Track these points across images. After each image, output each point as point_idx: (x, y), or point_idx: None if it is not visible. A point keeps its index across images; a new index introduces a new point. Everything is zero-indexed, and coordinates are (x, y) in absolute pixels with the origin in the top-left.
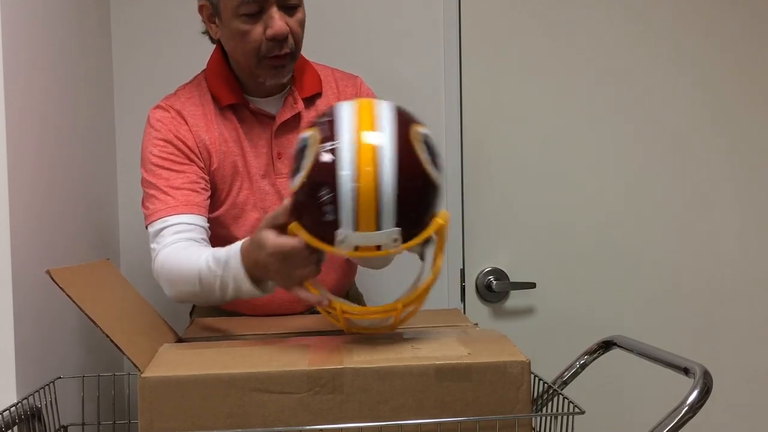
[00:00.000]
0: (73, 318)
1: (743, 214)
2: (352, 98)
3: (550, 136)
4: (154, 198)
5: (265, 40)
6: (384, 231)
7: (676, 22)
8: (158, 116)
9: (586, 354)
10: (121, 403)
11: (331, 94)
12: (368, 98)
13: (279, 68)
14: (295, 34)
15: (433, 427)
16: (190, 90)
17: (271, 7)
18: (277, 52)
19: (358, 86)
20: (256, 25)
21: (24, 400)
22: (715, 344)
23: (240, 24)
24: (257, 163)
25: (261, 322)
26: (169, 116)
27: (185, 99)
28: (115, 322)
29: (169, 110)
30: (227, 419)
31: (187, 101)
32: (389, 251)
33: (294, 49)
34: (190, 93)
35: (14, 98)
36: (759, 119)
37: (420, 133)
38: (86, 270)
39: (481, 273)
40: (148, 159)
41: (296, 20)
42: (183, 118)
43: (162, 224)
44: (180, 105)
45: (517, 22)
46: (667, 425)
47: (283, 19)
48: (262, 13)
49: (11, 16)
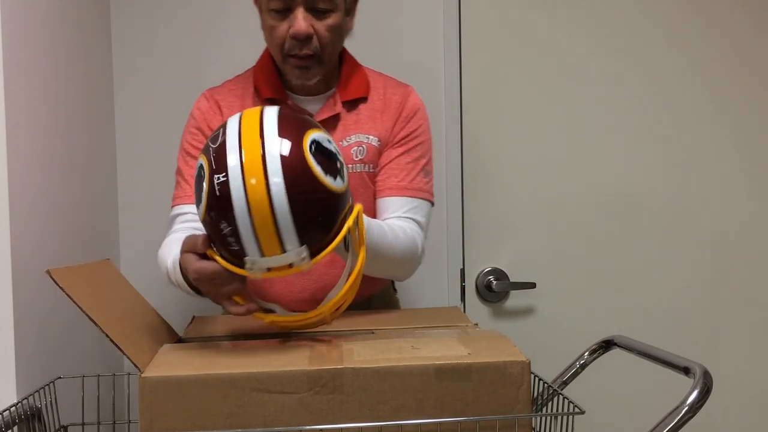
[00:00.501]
0: (73, 318)
1: (744, 214)
2: (398, 106)
3: (550, 135)
4: (178, 185)
5: (288, 38)
6: (290, 252)
7: (677, 20)
8: (198, 105)
9: (586, 354)
10: (121, 403)
11: (377, 100)
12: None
13: (303, 69)
14: (321, 38)
15: (433, 427)
16: (237, 82)
17: (298, 7)
18: (298, 51)
19: (405, 95)
20: (283, 22)
21: (24, 400)
22: (715, 344)
23: (269, 19)
24: None
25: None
26: (207, 106)
27: (227, 91)
28: (115, 322)
29: (209, 100)
30: (227, 419)
31: (228, 93)
32: (301, 268)
33: (319, 52)
34: (234, 85)
35: (14, 98)
36: (764, 119)
37: (310, 141)
38: (86, 270)
39: (481, 273)
40: (182, 146)
41: (325, 25)
42: (219, 109)
43: (177, 211)
44: (220, 96)
45: (518, 22)
46: (667, 425)
47: (308, 20)
48: (288, 12)
49: (11, 16)
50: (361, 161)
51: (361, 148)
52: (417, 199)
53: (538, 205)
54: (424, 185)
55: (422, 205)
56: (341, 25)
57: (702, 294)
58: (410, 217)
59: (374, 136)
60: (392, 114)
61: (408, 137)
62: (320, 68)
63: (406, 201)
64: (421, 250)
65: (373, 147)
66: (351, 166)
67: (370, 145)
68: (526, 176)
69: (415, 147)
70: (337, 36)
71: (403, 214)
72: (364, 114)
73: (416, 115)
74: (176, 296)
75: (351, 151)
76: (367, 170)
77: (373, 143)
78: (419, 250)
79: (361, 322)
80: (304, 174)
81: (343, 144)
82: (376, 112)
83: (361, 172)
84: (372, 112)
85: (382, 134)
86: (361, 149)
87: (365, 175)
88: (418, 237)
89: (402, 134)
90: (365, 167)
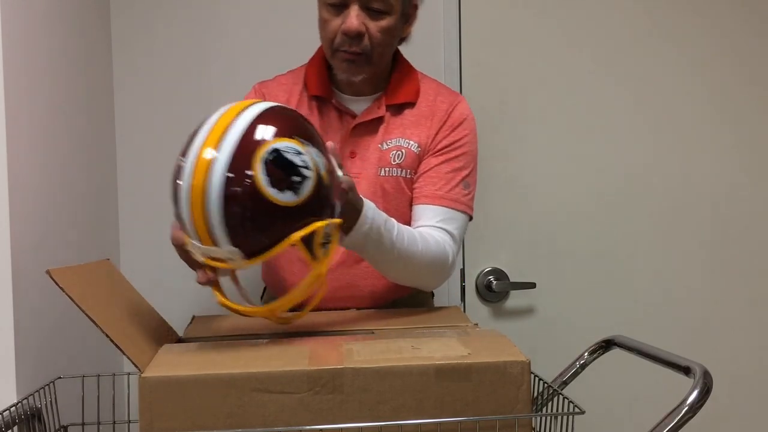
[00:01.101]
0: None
1: (744, 214)
2: (443, 114)
3: (550, 135)
4: None
5: (340, 33)
6: (222, 248)
7: (678, 19)
8: (248, 94)
9: (586, 354)
10: (121, 403)
11: (425, 106)
12: (235, 107)
13: (350, 63)
14: (372, 37)
15: (433, 427)
16: (288, 76)
17: (353, 4)
18: (347, 47)
19: (453, 104)
20: (337, 18)
21: (24, 400)
22: (715, 344)
23: (324, 12)
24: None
25: (258, 322)
26: (253, 96)
27: (276, 84)
28: (116, 322)
29: (257, 91)
30: (227, 419)
31: (277, 87)
32: (238, 266)
33: (369, 52)
34: (285, 79)
35: (14, 98)
36: (762, 120)
37: (271, 149)
38: (87, 270)
39: (481, 273)
40: None
41: (378, 26)
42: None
43: None
44: (268, 89)
45: (518, 22)
46: (667, 425)
47: (360, 18)
48: (344, 7)
49: (11, 16)
50: (398, 165)
51: (401, 152)
52: (453, 210)
53: (538, 205)
54: (462, 197)
55: (458, 216)
56: (394, 29)
57: (702, 294)
58: (444, 227)
59: (415, 141)
60: (437, 122)
61: (450, 146)
62: (368, 68)
63: (442, 210)
64: (451, 261)
65: (413, 153)
66: (388, 170)
67: (409, 150)
68: (526, 176)
69: (456, 157)
70: (389, 39)
71: (437, 224)
72: (408, 119)
73: (461, 125)
74: (176, 296)
75: (390, 154)
76: (404, 175)
77: (412, 149)
78: (449, 260)
79: (361, 322)
80: (243, 180)
81: (382, 147)
82: (421, 118)
83: (398, 176)
84: (417, 118)
85: (424, 141)
86: (400, 153)
87: (401, 180)
88: (449, 248)
89: (444, 143)
90: (402, 172)
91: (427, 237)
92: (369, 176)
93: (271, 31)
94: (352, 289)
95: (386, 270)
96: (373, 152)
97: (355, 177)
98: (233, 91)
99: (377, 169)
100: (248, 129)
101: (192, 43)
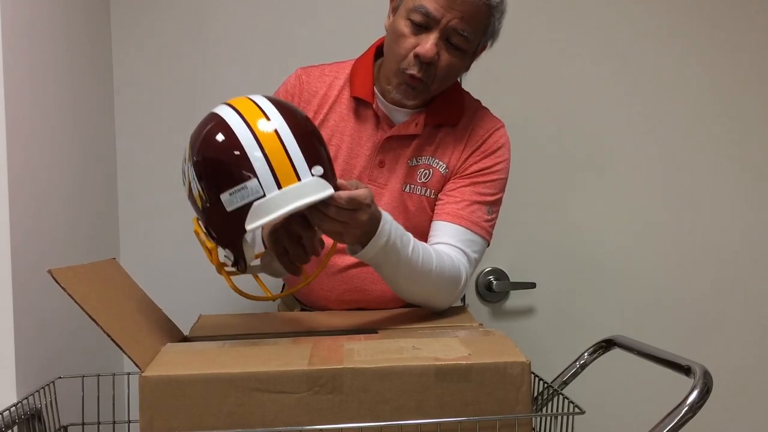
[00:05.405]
0: (73, 318)
1: (744, 214)
2: (479, 140)
3: (549, 135)
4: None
5: (412, 55)
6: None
7: (679, 19)
8: (290, 77)
9: (586, 354)
10: (121, 403)
11: (463, 129)
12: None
13: (409, 87)
14: (439, 69)
15: (433, 428)
16: (333, 67)
17: (435, 31)
18: (414, 71)
19: (490, 130)
20: (413, 37)
21: (24, 400)
22: (715, 344)
23: (403, 25)
24: (353, 162)
25: (264, 321)
26: (293, 81)
27: (319, 74)
28: (117, 322)
29: (299, 77)
30: (227, 419)
31: (319, 77)
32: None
33: (431, 81)
34: (330, 70)
35: (14, 99)
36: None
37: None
38: (89, 269)
39: (481, 273)
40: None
41: (449, 59)
42: (300, 89)
43: None
44: (309, 77)
45: (517, 22)
46: (667, 425)
47: (438, 47)
48: (425, 30)
49: (11, 16)
50: (423, 185)
51: (428, 171)
52: (472, 232)
53: (538, 205)
54: (484, 221)
55: (476, 239)
56: (461, 67)
57: (703, 294)
58: (461, 248)
59: (444, 163)
60: (471, 146)
61: (481, 172)
62: (424, 96)
63: (461, 231)
64: (464, 283)
65: (440, 174)
66: (413, 187)
67: (437, 171)
68: (526, 176)
69: (485, 182)
70: (453, 75)
71: (455, 243)
72: (444, 139)
73: (495, 152)
74: (181, 295)
75: (417, 171)
76: (428, 195)
77: (440, 170)
78: (462, 282)
79: (365, 321)
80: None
81: (411, 163)
82: (457, 141)
83: (421, 195)
84: (453, 139)
85: (453, 164)
86: (428, 173)
87: (424, 200)
88: (463, 269)
89: (475, 168)
90: (426, 191)
91: (443, 255)
92: (393, 190)
93: (271, 31)
94: (360, 293)
95: (397, 284)
96: (401, 166)
97: (380, 187)
98: (233, 91)
99: (402, 184)
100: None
101: (192, 44)
